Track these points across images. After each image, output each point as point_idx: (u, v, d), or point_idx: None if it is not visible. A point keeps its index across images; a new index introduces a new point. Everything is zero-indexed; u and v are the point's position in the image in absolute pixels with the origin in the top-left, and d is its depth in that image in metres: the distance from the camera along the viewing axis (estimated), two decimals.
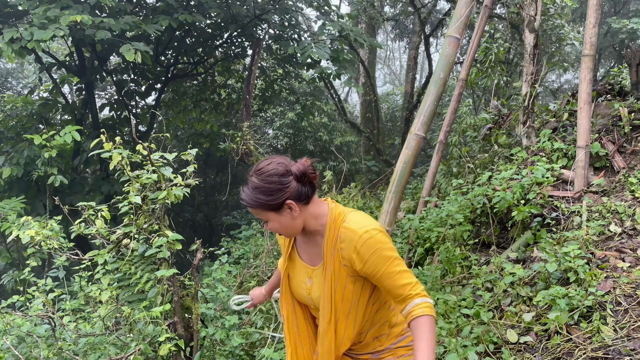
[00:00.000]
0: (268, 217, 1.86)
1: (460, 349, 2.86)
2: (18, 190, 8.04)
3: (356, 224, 1.82)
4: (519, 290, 3.24)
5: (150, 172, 3.75)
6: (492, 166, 5.31)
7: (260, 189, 1.81)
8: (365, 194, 7.45)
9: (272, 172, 1.80)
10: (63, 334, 4.37)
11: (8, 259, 7.42)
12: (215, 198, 15.78)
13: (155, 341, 3.80)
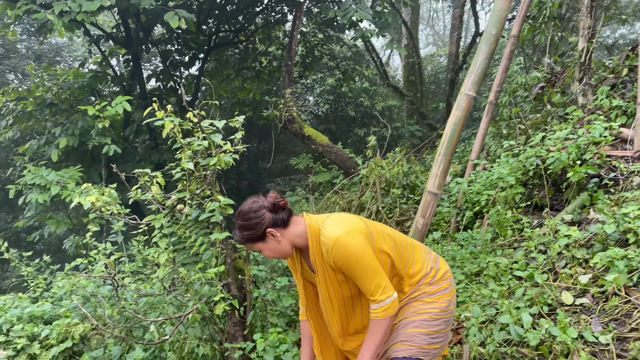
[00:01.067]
0: (258, 247, 2.24)
1: (513, 311, 2.84)
2: (74, 160, 8.40)
3: (329, 234, 2.10)
4: (575, 253, 3.16)
5: (200, 139, 3.83)
6: (544, 127, 5.13)
7: (243, 227, 2.18)
8: (409, 158, 7.37)
9: (247, 210, 2.18)
10: (124, 294, 4.61)
11: (69, 225, 7.82)
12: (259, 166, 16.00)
13: (210, 301, 3.96)
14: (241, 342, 4.04)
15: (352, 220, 2.15)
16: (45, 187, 6.58)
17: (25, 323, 4.44)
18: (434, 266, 2.26)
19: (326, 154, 9.21)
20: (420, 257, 2.27)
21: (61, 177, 6.64)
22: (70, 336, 4.35)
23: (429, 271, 2.24)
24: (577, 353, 2.43)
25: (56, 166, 7.98)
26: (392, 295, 2.10)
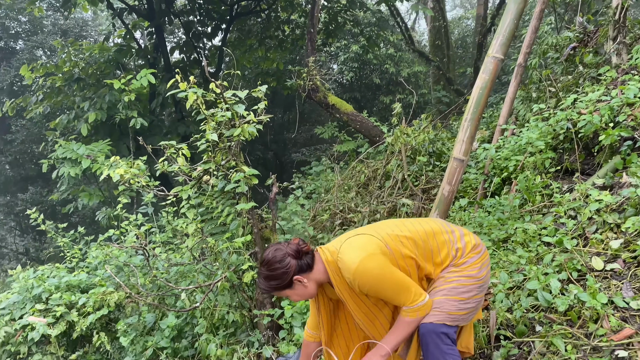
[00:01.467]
0: (286, 294, 2.26)
1: (541, 276, 2.81)
2: (103, 134, 8.56)
3: (347, 267, 2.12)
4: (606, 218, 3.09)
5: (224, 110, 3.83)
6: (576, 89, 4.96)
7: (269, 277, 2.21)
8: (436, 125, 7.24)
9: (272, 260, 2.19)
10: (156, 264, 4.74)
11: (100, 197, 8.03)
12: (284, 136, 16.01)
13: (239, 269, 4.04)
14: (269, 309, 4.13)
15: (365, 243, 2.16)
16: (76, 161, 6.74)
17: (63, 292, 4.62)
18: (459, 247, 2.25)
19: (351, 123, 9.13)
20: (444, 241, 2.26)
21: (91, 151, 6.79)
22: (105, 304, 4.52)
23: (455, 253, 2.24)
24: (606, 318, 2.40)
25: (86, 140, 8.15)
26: (424, 299, 2.15)
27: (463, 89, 13.86)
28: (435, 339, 2.14)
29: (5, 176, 15.76)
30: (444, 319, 2.15)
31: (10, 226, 16.08)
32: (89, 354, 4.75)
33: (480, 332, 2.76)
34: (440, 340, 2.14)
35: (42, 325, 4.30)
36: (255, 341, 4.12)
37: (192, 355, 4.44)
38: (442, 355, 2.12)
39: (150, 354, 4.42)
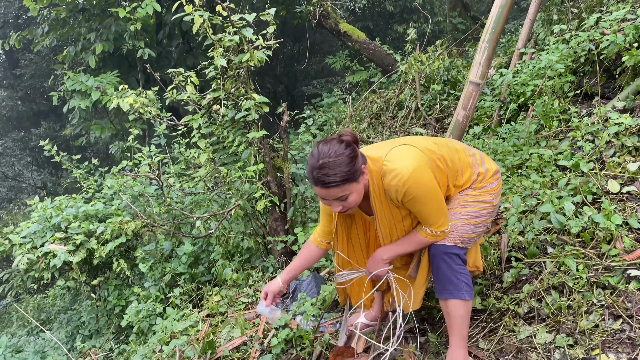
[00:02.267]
0: (351, 189, 1.98)
1: (555, 200, 2.79)
2: (112, 66, 8.44)
3: (400, 171, 1.98)
4: (625, 141, 3.01)
5: (231, 34, 3.72)
6: (600, 8, 4.70)
7: (339, 165, 1.91)
8: (451, 52, 7.00)
9: (337, 149, 1.93)
10: (170, 194, 4.81)
11: (112, 130, 8.05)
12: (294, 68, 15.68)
13: (252, 198, 4.07)
14: (283, 236, 4.20)
15: (416, 155, 2.03)
16: (85, 93, 6.70)
17: (81, 221, 4.74)
18: (481, 171, 2.20)
19: (363, 51, 8.88)
20: (468, 163, 2.20)
21: (100, 83, 6.73)
22: (123, 232, 4.62)
23: (476, 177, 2.20)
24: (620, 239, 2.39)
25: (94, 73, 8.06)
26: (447, 228, 2.12)
27: (480, 15, 13.29)
28: (447, 260, 2.16)
29: (18, 112, 15.83)
30: (457, 242, 2.16)
31: (27, 161, 16.34)
32: (110, 280, 4.94)
33: (492, 254, 2.79)
34: (453, 261, 2.16)
35: (63, 252, 4.44)
36: (269, 266, 4.23)
37: (209, 280, 4.59)
38: (454, 274, 2.15)
39: (169, 279, 4.58)
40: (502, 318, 2.43)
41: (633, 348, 1.96)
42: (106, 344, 4.61)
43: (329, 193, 1.95)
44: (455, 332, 2.19)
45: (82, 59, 8.63)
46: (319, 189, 1.97)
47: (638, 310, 2.07)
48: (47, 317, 6.54)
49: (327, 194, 1.96)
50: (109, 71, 7.77)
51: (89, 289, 4.93)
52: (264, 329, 3.31)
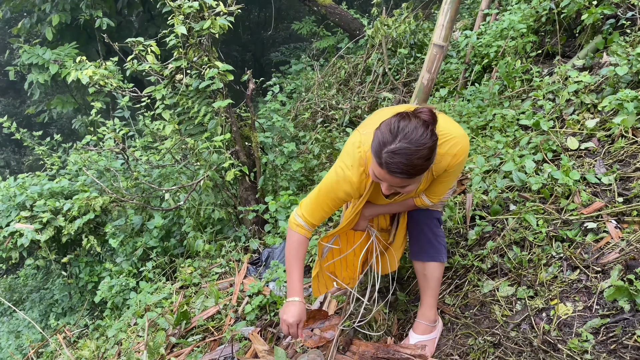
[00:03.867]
0: (418, 180, 1.76)
1: (517, 158, 2.86)
2: (70, 38, 8.12)
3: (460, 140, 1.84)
4: (584, 98, 3.08)
5: (191, 1, 3.61)
6: None
7: (419, 157, 1.61)
8: (417, 15, 6.96)
9: (421, 137, 1.60)
10: (137, 168, 4.73)
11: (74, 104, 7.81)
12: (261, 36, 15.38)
13: (221, 168, 4.04)
14: (254, 205, 4.21)
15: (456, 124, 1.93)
16: (43, 67, 6.45)
17: (47, 198, 4.64)
18: None
19: (329, 16, 8.75)
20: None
21: (57, 55, 6.48)
22: (91, 209, 4.55)
23: None
24: (578, 194, 2.48)
25: (52, 45, 7.75)
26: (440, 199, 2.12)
27: None
28: (431, 225, 2.22)
29: None
30: (440, 207, 2.23)
31: None
32: (81, 257, 4.88)
33: (457, 214, 2.85)
34: (435, 225, 2.23)
35: (30, 231, 4.36)
36: (241, 236, 4.24)
37: (181, 252, 4.59)
38: (435, 238, 2.21)
39: (141, 253, 4.55)
40: (467, 274, 2.52)
41: (589, 296, 2.06)
42: (81, 321, 4.59)
43: (393, 180, 1.69)
44: (430, 293, 2.26)
45: (38, 32, 8.28)
46: (382, 172, 1.68)
47: (594, 261, 2.16)
48: (19, 297, 6.45)
49: (390, 179, 1.70)
50: (67, 43, 7.48)
51: (60, 266, 4.87)
52: (238, 297, 3.35)
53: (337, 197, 2.00)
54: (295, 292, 2.09)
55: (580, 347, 1.87)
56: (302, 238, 2.11)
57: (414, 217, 2.25)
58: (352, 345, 2.24)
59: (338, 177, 1.95)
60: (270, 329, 2.86)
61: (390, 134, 1.63)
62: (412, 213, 2.24)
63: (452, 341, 2.26)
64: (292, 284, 2.10)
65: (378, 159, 1.66)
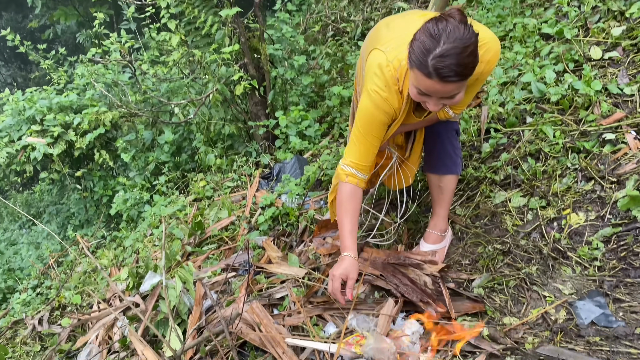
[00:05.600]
0: (466, 85, 1.65)
1: (536, 69, 2.75)
2: None
3: (493, 43, 1.73)
4: (611, 5, 2.91)
5: None
6: None
7: (469, 55, 1.50)
8: None
9: (464, 34, 1.49)
10: (145, 82, 4.65)
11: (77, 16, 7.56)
12: None
13: (229, 82, 3.96)
14: (264, 120, 4.17)
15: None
16: None
17: (56, 113, 4.62)
18: None
19: None
20: None
21: None
22: (101, 123, 4.54)
23: None
24: (598, 105, 2.41)
25: None
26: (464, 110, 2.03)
27: None
28: (451, 137, 2.18)
29: None
30: (458, 118, 2.20)
31: None
32: (94, 171, 4.95)
33: (471, 127, 2.81)
34: (454, 137, 2.20)
35: (42, 145, 4.38)
36: (252, 151, 4.24)
37: (193, 168, 4.63)
38: (454, 150, 2.18)
39: (153, 168, 4.60)
40: (479, 186, 2.51)
41: (602, 206, 2.05)
42: (98, 233, 4.73)
43: (445, 88, 1.57)
44: (443, 205, 2.27)
45: None
46: (432, 83, 1.56)
47: (610, 172, 2.14)
48: (36, 211, 6.64)
49: (441, 89, 1.57)
50: None
51: (74, 181, 4.95)
52: (251, 209, 3.40)
53: (380, 122, 1.86)
54: (347, 248, 1.89)
55: (590, 254, 1.90)
56: (354, 188, 1.94)
57: (434, 130, 2.20)
58: (362, 253, 2.29)
59: (374, 102, 1.82)
60: (283, 238, 2.93)
61: (432, 38, 1.51)
62: (432, 126, 2.20)
63: (461, 250, 2.30)
64: (344, 239, 1.92)
65: (425, 70, 1.54)
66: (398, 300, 1.95)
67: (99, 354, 2.37)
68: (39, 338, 2.99)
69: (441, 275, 2.07)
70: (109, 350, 2.40)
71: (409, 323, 1.80)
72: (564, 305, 1.78)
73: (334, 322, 1.96)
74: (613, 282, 1.77)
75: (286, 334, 1.90)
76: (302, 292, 2.19)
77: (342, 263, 1.86)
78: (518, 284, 1.96)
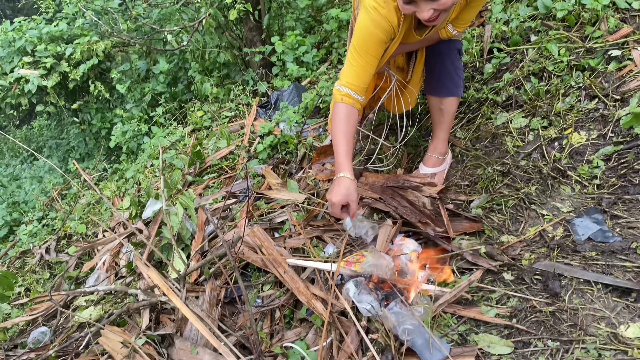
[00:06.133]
0: None
1: None
2: None
3: None
4: None
5: None
6: None
7: None
8: None
9: None
10: (135, 8, 4.48)
11: None
12: None
13: (223, 6, 3.81)
14: (260, 47, 4.05)
15: None
16: None
17: (47, 43, 4.49)
18: None
19: None
20: None
21: None
22: (94, 53, 4.43)
23: None
24: (605, 20, 2.31)
25: None
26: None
27: None
28: (453, 57, 2.12)
29: None
30: (461, 37, 2.13)
31: None
32: (90, 104, 4.88)
33: (474, 47, 2.72)
34: (456, 57, 2.13)
35: (35, 77, 4.29)
36: (249, 79, 4.15)
37: (190, 98, 4.55)
38: (455, 72, 2.13)
39: (149, 99, 4.53)
40: (480, 108, 2.47)
41: (605, 124, 2.02)
42: (99, 165, 4.75)
43: None
44: (444, 128, 2.24)
45: None
46: None
47: (614, 90, 2.09)
48: (36, 146, 6.63)
49: None
50: None
51: (71, 113, 4.90)
52: (249, 138, 3.38)
53: (378, 40, 1.78)
54: (343, 168, 1.82)
55: (590, 172, 1.89)
56: (349, 108, 1.86)
57: (435, 50, 2.13)
58: (362, 178, 2.29)
59: (373, 19, 1.74)
60: (282, 166, 2.93)
61: None
62: (433, 46, 2.12)
63: (461, 172, 2.30)
64: (339, 159, 1.84)
65: None
66: (397, 222, 1.97)
67: (107, 279, 2.44)
68: (48, 266, 3.07)
69: (440, 197, 2.08)
70: (116, 275, 2.46)
71: (408, 242, 1.83)
72: (561, 223, 1.80)
73: (334, 243, 2.00)
74: (611, 199, 1.78)
75: (287, 255, 1.94)
76: (302, 216, 2.22)
77: (340, 186, 1.80)
78: (517, 204, 1.97)
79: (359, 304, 1.61)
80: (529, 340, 1.48)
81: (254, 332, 1.59)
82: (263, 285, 1.96)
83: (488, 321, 1.58)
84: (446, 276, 1.72)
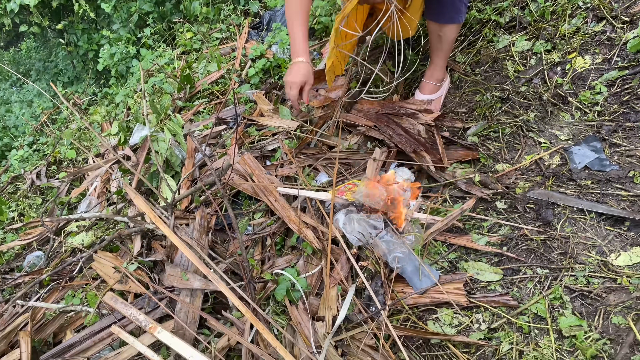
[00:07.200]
0: None
1: None
2: None
3: None
4: None
5: None
6: None
7: None
8: None
9: None
10: None
11: None
12: None
13: None
14: None
15: None
16: None
17: None
18: None
19: None
20: None
21: None
22: None
23: None
24: None
25: None
26: None
27: None
28: None
29: None
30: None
31: None
32: (76, 24, 4.66)
33: None
34: None
35: None
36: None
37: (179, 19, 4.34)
38: (461, 4, 1.96)
39: (137, 19, 4.32)
40: (482, 30, 2.35)
41: (611, 48, 1.92)
42: (88, 89, 4.62)
43: None
44: (442, 55, 2.12)
45: None
46: None
47: (623, 11, 1.97)
48: (25, 69, 6.43)
49: None
50: None
51: (57, 34, 4.69)
52: (241, 62, 3.25)
53: None
54: (301, 52, 1.81)
55: (592, 99, 1.82)
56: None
57: None
58: (356, 104, 2.21)
59: None
60: (274, 92, 2.84)
61: None
62: None
63: (458, 98, 2.22)
64: (296, 43, 1.82)
65: None
66: (392, 151, 1.93)
67: (99, 205, 2.43)
68: (40, 192, 3.06)
69: (436, 124, 2.01)
70: (107, 201, 2.45)
71: (401, 170, 1.79)
72: (558, 151, 1.75)
73: (326, 172, 1.96)
74: (612, 127, 1.72)
75: (278, 184, 1.91)
76: (294, 144, 2.17)
77: (297, 69, 1.80)
78: (514, 132, 1.92)
79: (348, 234, 1.60)
80: (519, 268, 1.49)
81: (244, 259, 1.59)
82: (254, 213, 1.94)
83: (478, 249, 1.57)
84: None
